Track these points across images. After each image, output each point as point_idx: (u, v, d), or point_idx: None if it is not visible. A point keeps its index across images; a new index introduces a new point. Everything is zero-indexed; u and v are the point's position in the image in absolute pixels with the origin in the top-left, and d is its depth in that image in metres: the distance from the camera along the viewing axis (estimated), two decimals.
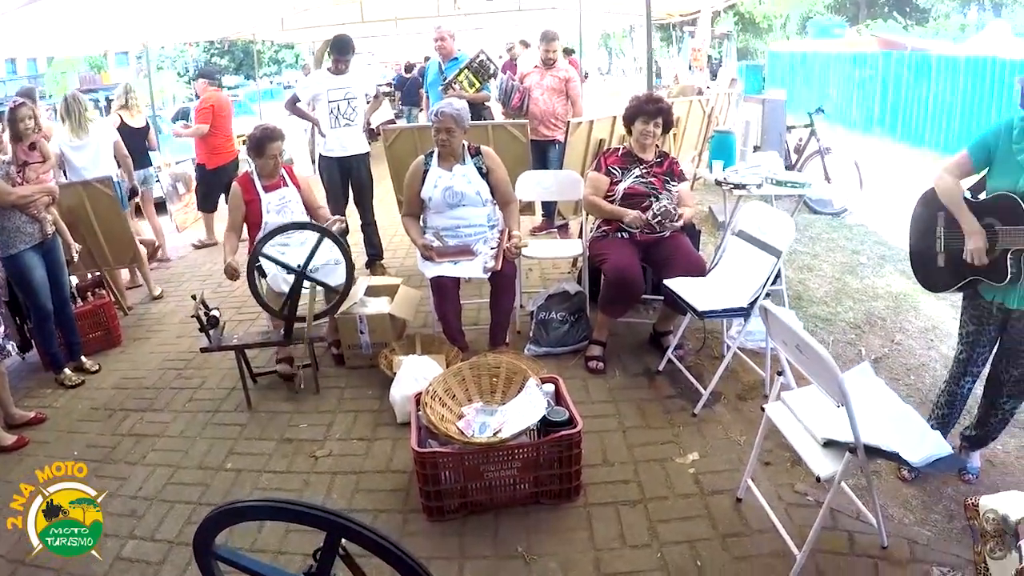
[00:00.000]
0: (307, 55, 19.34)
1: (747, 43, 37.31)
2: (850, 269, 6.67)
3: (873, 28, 31.82)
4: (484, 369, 3.79)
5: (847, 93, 20.30)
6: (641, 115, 4.68)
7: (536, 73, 7.39)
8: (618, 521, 3.31)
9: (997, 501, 2.50)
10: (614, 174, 4.70)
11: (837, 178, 8.67)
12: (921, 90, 16.29)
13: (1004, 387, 3.54)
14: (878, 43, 24.68)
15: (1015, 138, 3.22)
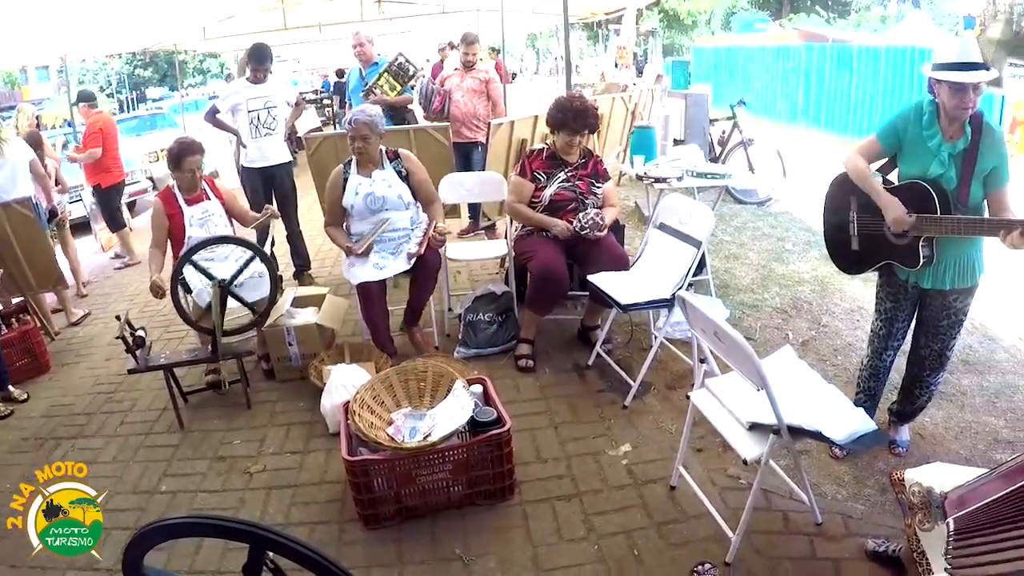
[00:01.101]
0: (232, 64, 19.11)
1: (673, 39, 37.76)
2: (776, 256, 6.77)
3: (796, 22, 32.42)
4: (411, 374, 3.76)
5: (771, 85, 20.70)
6: (566, 129, 4.64)
7: (456, 75, 7.39)
8: (554, 516, 3.32)
9: (921, 474, 2.54)
10: (539, 179, 4.68)
11: (761, 168, 8.81)
12: (843, 80, 16.67)
13: (925, 361, 3.64)
14: (800, 36, 25.20)
15: (925, 124, 3.29)
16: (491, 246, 5.38)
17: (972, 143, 3.19)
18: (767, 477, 3.46)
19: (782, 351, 3.37)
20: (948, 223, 3.16)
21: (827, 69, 17.65)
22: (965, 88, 3.08)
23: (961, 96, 3.09)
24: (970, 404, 4.43)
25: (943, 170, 3.23)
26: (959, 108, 3.12)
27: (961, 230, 3.14)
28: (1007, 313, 5.83)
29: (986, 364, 4.94)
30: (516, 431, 3.80)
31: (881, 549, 3.06)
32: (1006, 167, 3.22)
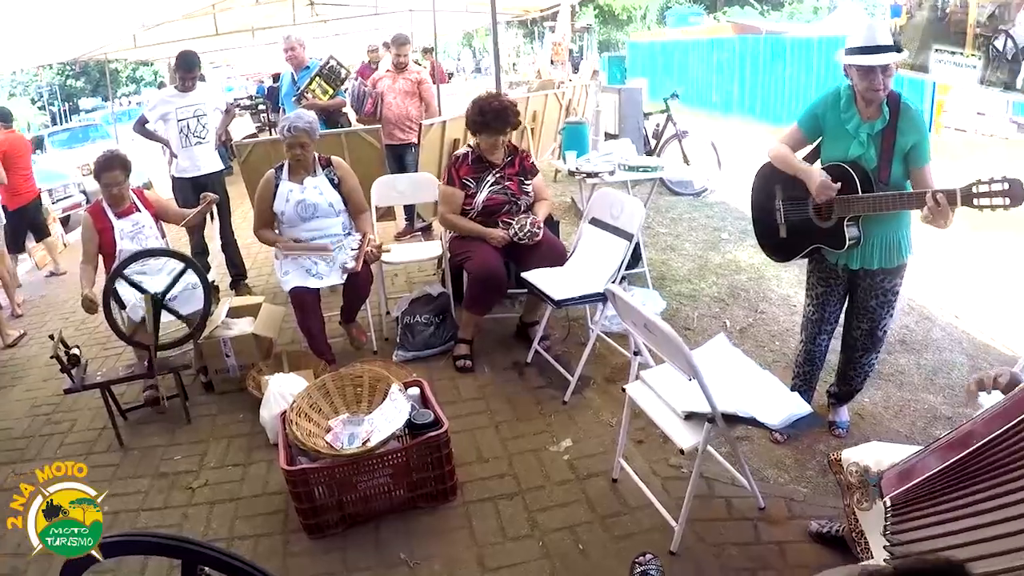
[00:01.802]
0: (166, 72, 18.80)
1: (608, 35, 37.99)
2: (712, 245, 6.84)
3: (730, 15, 32.80)
4: (347, 380, 3.73)
5: (706, 78, 20.95)
6: (488, 130, 4.60)
7: (388, 77, 7.36)
8: (497, 515, 3.32)
9: (858, 453, 2.57)
10: (468, 185, 4.64)
11: (696, 159, 8.89)
12: (777, 71, 16.92)
13: (858, 342, 3.70)
14: (733, 29, 25.51)
15: (843, 107, 3.35)
16: (427, 247, 5.35)
17: (890, 123, 3.24)
18: (709, 465, 3.51)
19: (716, 339, 3.40)
20: (868, 201, 3.21)
21: (761, 60, 17.95)
22: (873, 70, 3.13)
23: (870, 78, 3.14)
24: (908, 383, 4.51)
25: (862, 150, 3.29)
26: (870, 90, 3.17)
27: (881, 206, 3.19)
28: (943, 293, 5.97)
29: (923, 343, 5.03)
30: (456, 432, 3.81)
31: (825, 530, 3.10)
32: (926, 145, 3.27)
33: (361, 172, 5.00)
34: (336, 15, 12.91)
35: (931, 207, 2.96)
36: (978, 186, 2.86)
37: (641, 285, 5.62)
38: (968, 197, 2.88)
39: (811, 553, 3.07)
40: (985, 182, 2.84)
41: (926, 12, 5.27)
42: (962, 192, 2.90)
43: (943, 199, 2.93)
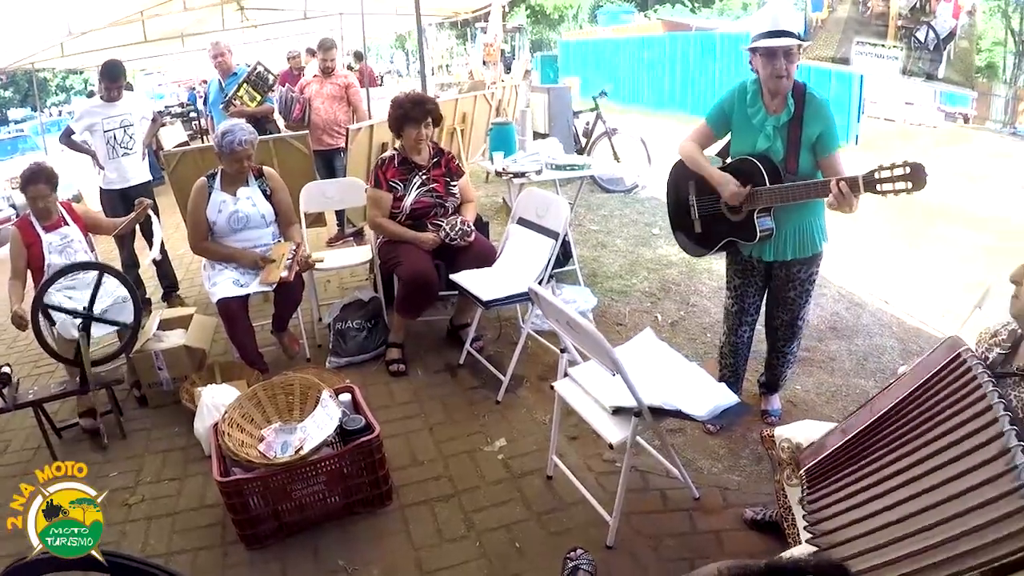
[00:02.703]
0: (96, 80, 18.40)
1: (541, 35, 38.11)
2: (643, 241, 6.92)
3: (661, 12, 33.12)
4: (279, 388, 3.70)
5: (638, 75, 21.16)
6: (410, 122, 4.58)
7: (316, 82, 7.31)
8: (434, 518, 3.32)
9: (790, 431, 2.63)
10: (396, 188, 4.62)
11: (626, 156, 8.98)
12: (707, 67, 17.15)
13: (779, 331, 3.78)
14: (664, 26, 25.80)
15: (749, 101, 3.41)
16: (358, 253, 5.33)
17: (795, 114, 3.30)
18: (642, 458, 3.56)
19: (643, 334, 3.44)
20: (775, 192, 3.28)
21: (691, 57, 18.18)
22: (775, 55, 3.19)
23: (773, 63, 3.20)
24: (840, 368, 4.61)
25: (769, 143, 3.35)
26: (773, 76, 3.23)
27: (788, 197, 3.26)
28: (871, 279, 6.10)
29: (853, 329, 5.14)
30: (390, 436, 3.82)
31: (759, 516, 3.16)
32: (833, 134, 3.34)
33: (291, 179, 4.96)
34: (266, 20, 12.79)
35: (835, 194, 3.03)
36: (880, 172, 2.93)
37: (572, 283, 5.65)
38: (871, 183, 2.96)
39: (747, 540, 3.12)
40: (887, 168, 2.91)
41: (848, 6, 5.39)
42: (864, 179, 2.98)
43: (845, 187, 3.00)
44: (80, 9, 8.34)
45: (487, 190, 9.36)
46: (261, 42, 15.10)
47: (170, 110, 16.33)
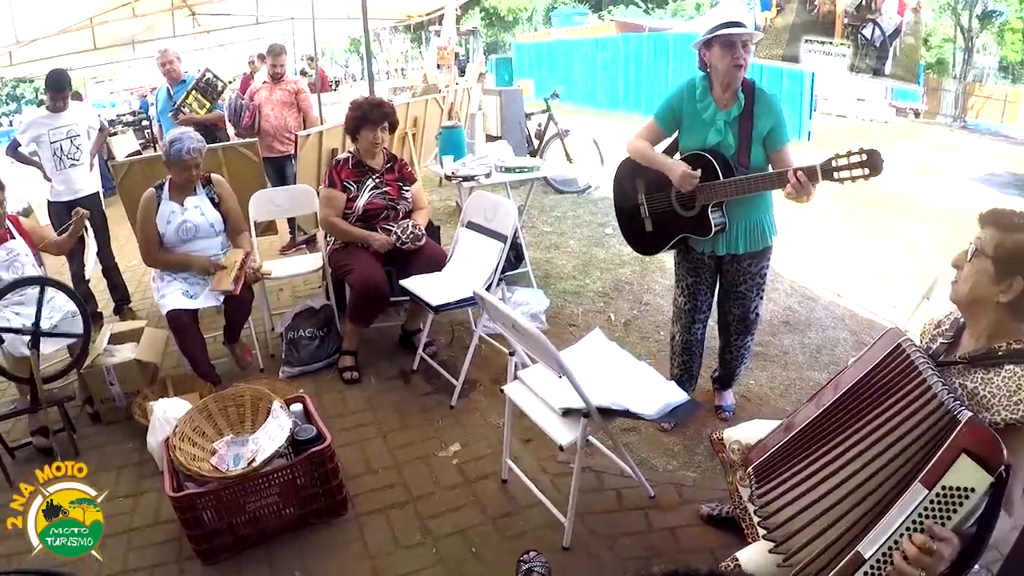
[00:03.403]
0: None
1: (496, 37, 38.18)
2: (596, 241, 6.96)
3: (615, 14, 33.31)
4: (229, 401, 3.65)
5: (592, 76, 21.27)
6: (367, 124, 4.59)
7: (265, 88, 7.23)
8: (389, 525, 3.30)
9: (739, 431, 2.66)
10: (349, 188, 4.62)
11: (578, 157, 9.01)
12: (661, 68, 17.27)
13: (731, 326, 3.81)
14: (617, 27, 25.96)
15: (698, 97, 3.43)
16: (309, 260, 5.27)
17: (746, 108, 3.34)
18: (597, 458, 3.57)
19: (592, 334, 3.45)
20: (731, 185, 3.30)
21: (644, 57, 18.30)
22: (734, 44, 3.22)
23: (732, 51, 3.23)
24: (793, 362, 4.66)
25: (720, 137, 3.38)
26: (732, 65, 3.26)
27: (743, 189, 3.29)
28: (824, 273, 6.17)
29: (806, 323, 5.20)
30: (344, 445, 3.81)
31: (716, 512, 3.19)
32: (783, 128, 3.39)
33: (241, 188, 4.92)
34: (218, 25, 12.67)
35: (793, 184, 3.06)
36: (837, 160, 2.98)
37: (525, 285, 5.66)
38: (828, 172, 3.00)
39: (704, 536, 3.15)
40: (843, 155, 2.95)
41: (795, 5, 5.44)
42: (822, 167, 3.02)
43: (803, 176, 3.04)
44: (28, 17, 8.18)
45: (441, 194, 9.37)
46: (215, 48, 14.96)
47: (122, 119, 16.09)
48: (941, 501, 1.78)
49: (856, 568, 1.83)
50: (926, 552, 1.70)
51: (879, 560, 1.80)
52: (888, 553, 1.79)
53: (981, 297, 2.02)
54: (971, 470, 1.75)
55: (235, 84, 10.04)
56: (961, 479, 1.76)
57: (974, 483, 1.74)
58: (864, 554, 1.83)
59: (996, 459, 1.73)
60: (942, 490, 1.78)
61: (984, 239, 2.01)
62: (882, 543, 1.81)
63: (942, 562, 1.70)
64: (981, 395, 1.95)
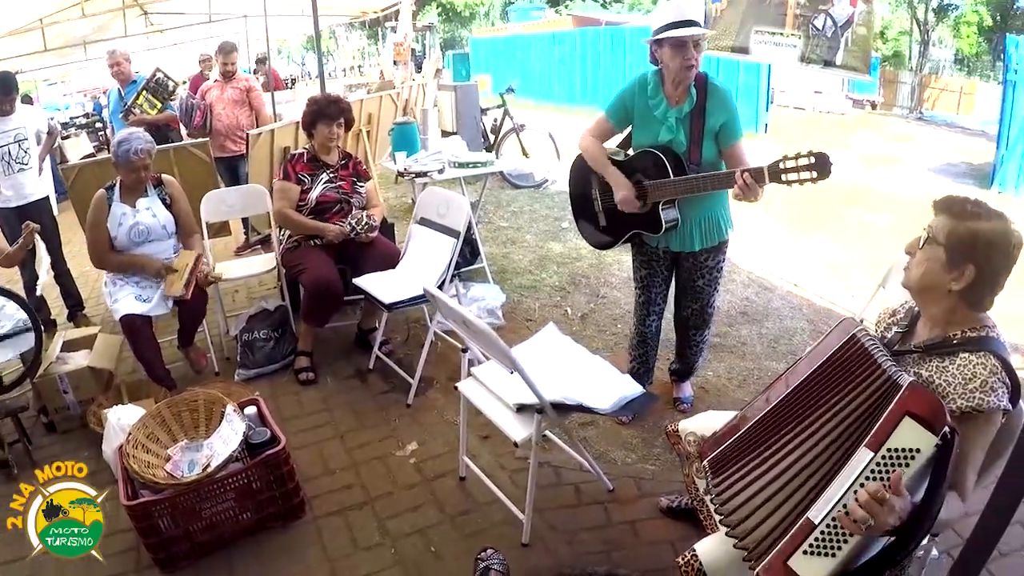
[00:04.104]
0: None
1: (453, 32, 38.12)
2: (553, 235, 6.97)
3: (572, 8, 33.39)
4: (183, 406, 3.59)
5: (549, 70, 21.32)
6: (323, 119, 4.58)
7: (216, 87, 7.15)
8: (347, 527, 3.28)
9: (694, 423, 2.66)
10: (304, 181, 4.60)
11: (534, 152, 9.02)
12: (618, 61, 17.33)
13: (688, 320, 3.83)
14: (574, 22, 26.05)
15: (650, 93, 3.42)
16: (263, 261, 5.21)
17: (698, 104, 3.33)
18: (555, 453, 3.58)
19: (546, 329, 3.45)
20: (680, 184, 3.30)
21: (601, 51, 18.37)
22: (685, 44, 3.21)
23: (683, 52, 3.21)
24: (751, 352, 4.69)
25: (672, 135, 3.38)
26: (683, 67, 3.24)
27: (692, 189, 3.28)
28: (781, 264, 6.22)
29: (763, 313, 5.24)
30: (302, 446, 3.78)
31: (675, 504, 3.20)
32: (736, 123, 3.38)
33: (193, 189, 4.86)
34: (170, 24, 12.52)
35: (740, 186, 3.06)
36: (784, 162, 2.96)
37: (481, 280, 5.67)
38: (776, 174, 2.99)
39: (663, 528, 3.16)
40: (791, 158, 2.95)
41: None
42: (769, 169, 3.01)
43: (750, 178, 3.03)
44: None
45: (396, 191, 9.34)
46: (169, 47, 14.79)
47: (75, 121, 15.84)
48: (887, 462, 1.80)
49: (807, 534, 1.84)
50: (877, 500, 1.70)
51: (829, 525, 1.82)
52: (838, 516, 1.80)
53: (932, 284, 2.03)
54: (915, 432, 1.78)
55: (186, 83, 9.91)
56: (906, 440, 1.78)
57: (919, 444, 1.77)
58: (814, 520, 1.85)
59: (939, 420, 1.76)
60: (887, 452, 1.80)
61: (937, 226, 2.02)
62: (831, 507, 1.83)
63: (892, 514, 1.70)
64: (936, 383, 1.96)
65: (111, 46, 7.41)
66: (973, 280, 1.96)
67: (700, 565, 2.11)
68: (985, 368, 1.90)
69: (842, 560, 1.80)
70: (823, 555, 1.82)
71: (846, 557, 1.79)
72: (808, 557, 1.83)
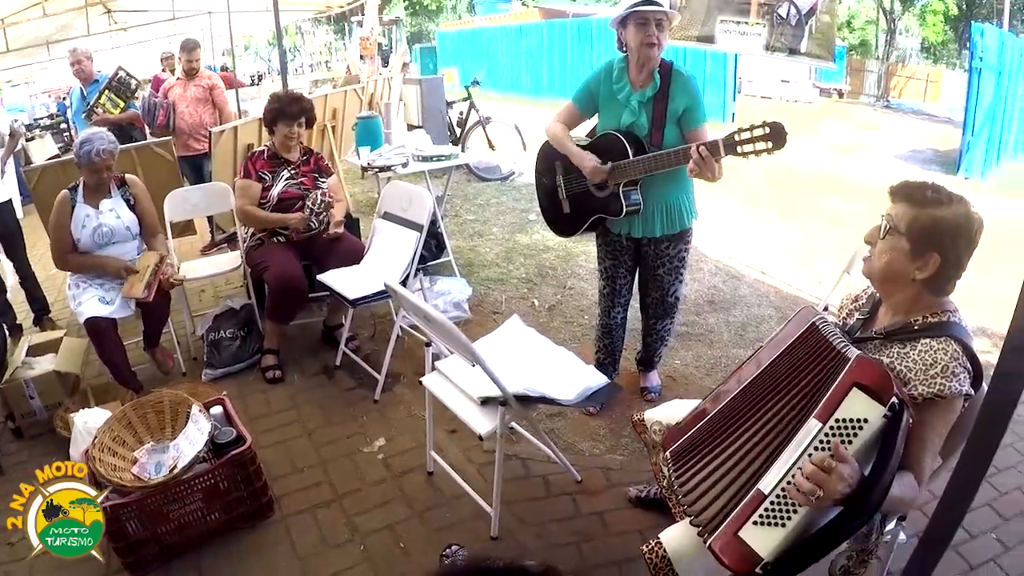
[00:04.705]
0: None
1: (420, 26, 38.01)
2: (520, 228, 6.98)
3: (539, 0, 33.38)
4: (148, 407, 3.56)
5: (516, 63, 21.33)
6: (284, 118, 4.56)
7: (179, 85, 7.08)
8: (316, 525, 3.27)
9: (659, 412, 2.68)
10: (264, 178, 4.57)
11: (501, 144, 9.03)
12: (585, 53, 17.37)
13: (650, 309, 3.85)
14: (541, 14, 26.05)
15: (615, 78, 3.46)
16: (227, 260, 5.16)
17: (661, 89, 3.36)
18: (523, 445, 3.60)
19: (510, 321, 3.46)
20: (638, 163, 3.32)
21: (569, 43, 18.39)
22: (647, 20, 3.24)
23: (646, 29, 3.25)
24: (718, 340, 4.72)
25: (634, 118, 3.41)
26: (644, 44, 3.27)
27: (651, 167, 3.30)
28: (748, 252, 6.25)
29: (731, 301, 5.27)
30: (270, 445, 3.76)
31: (643, 494, 3.21)
32: (699, 108, 3.40)
33: (157, 189, 4.80)
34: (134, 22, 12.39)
35: (696, 160, 3.06)
36: (739, 134, 2.98)
37: (448, 274, 5.67)
38: (731, 145, 3.00)
39: (632, 518, 3.18)
40: (746, 129, 2.96)
41: None
42: (724, 142, 3.02)
43: (705, 150, 3.04)
44: None
45: (363, 186, 9.33)
46: (134, 45, 14.65)
47: (39, 122, 15.63)
48: (835, 433, 1.82)
49: (758, 504, 1.86)
50: (824, 469, 1.72)
51: (779, 495, 1.84)
52: (787, 487, 1.83)
53: (896, 274, 2.03)
54: (863, 402, 1.80)
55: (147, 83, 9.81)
56: (854, 411, 1.81)
57: (867, 414, 1.79)
58: (764, 491, 1.87)
59: (887, 391, 1.78)
60: (836, 423, 1.82)
61: (896, 215, 2.01)
62: (781, 477, 1.85)
63: (841, 482, 1.71)
64: (898, 370, 1.97)
65: (80, 44, 7.34)
66: (938, 268, 1.96)
67: (665, 552, 2.10)
68: (946, 354, 1.91)
69: (792, 530, 1.81)
70: (773, 525, 1.84)
71: (796, 527, 1.81)
72: (758, 527, 1.85)
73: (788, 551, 1.81)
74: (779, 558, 1.81)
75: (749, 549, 1.83)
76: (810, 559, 1.82)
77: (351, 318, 4.60)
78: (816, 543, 1.81)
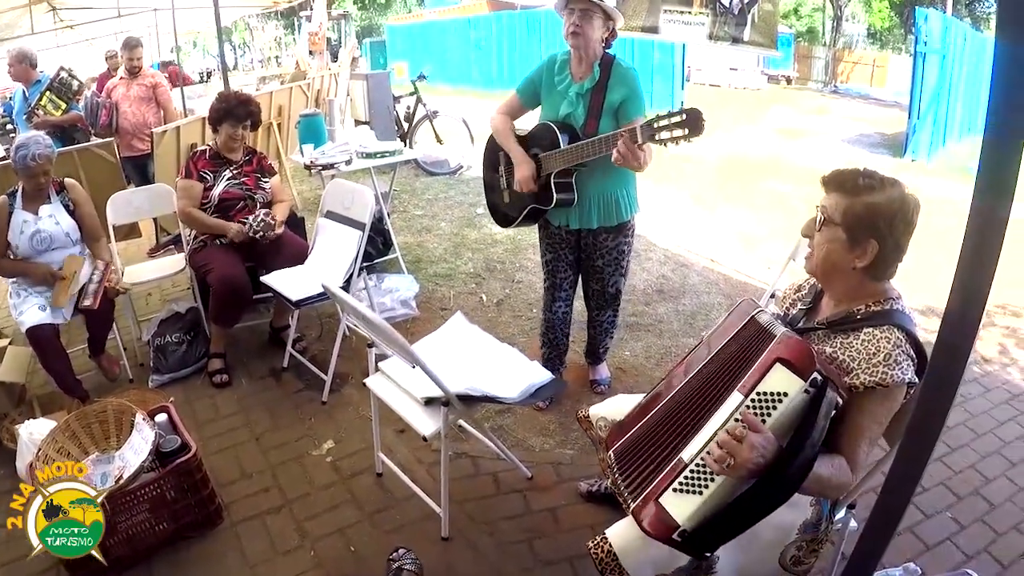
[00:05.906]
0: None
1: (369, 20, 37.79)
2: (468, 222, 6.98)
3: None
4: (92, 417, 3.49)
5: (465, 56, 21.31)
6: (230, 119, 4.52)
7: (122, 84, 6.93)
8: (266, 531, 3.23)
9: (605, 408, 2.68)
10: (206, 178, 4.52)
11: (449, 138, 9.01)
12: (534, 44, 17.38)
13: (592, 301, 3.89)
14: (489, 6, 26.03)
15: (557, 70, 3.51)
16: (172, 262, 5.07)
17: (600, 81, 3.40)
18: (472, 443, 3.61)
19: (453, 319, 3.45)
20: (567, 152, 3.37)
21: (518, 35, 18.39)
22: (573, 10, 3.33)
23: (569, 18, 3.35)
24: (668, 330, 4.75)
25: (572, 108, 3.45)
26: (569, 33, 3.36)
27: (579, 156, 3.34)
28: (697, 241, 6.29)
29: (680, 290, 5.31)
30: (217, 451, 3.72)
31: (594, 489, 3.23)
32: (637, 100, 3.42)
33: (100, 192, 4.73)
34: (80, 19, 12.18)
35: (618, 148, 3.10)
36: (658, 121, 2.99)
37: (395, 271, 5.65)
38: (649, 132, 3.02)
39: (584, 513, 3.20)
40: (664, 116, 2.98)
41: None
42: (642, 129, 3.04)
43: (627, 137, 3.07)
44: None
45: (311, 184, 9.21)
46: (81, 43, 14.41)
47: None
48: (755, 405, 1.85)
49: (679, 472, 1.89)
50: (736, 437, 1.75)
51: (698, 464, 1.87)
52: (704, 456, 1.86)
53: (836, 266, 2.05)
54: (785, 377, 1.84)
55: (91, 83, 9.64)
56: (775, 385, 1.84)
57: (787, 388, 1.82)
58: (685, 459, 1.90)
59: (808, 367, 1.81)
60: (757, 395, 1.85)
61: (831, 206, 2.03)
62: (701, 446, 1.88)
63: (753, 451, 1.74)
64: (841, 359, 1.98)
65: (21, 44, 7.19)
66: (877, 254, 1.97)
67: (611, 548, 2.11)
68: (889, 342, 1.92)
69: (710, 497, 1.83)
70: (691, 492, 1.86)
71: (713, 495, 1.83)
72: (677, 495, 1.88)
73: (708, 520, 1.83)
74: (698, 527, 1.84)
75: (667, 515, 1.86)
76: (730, 529, 1.83)
77: (297, 319, 4.57)
78: (734, 512, 1.82)
